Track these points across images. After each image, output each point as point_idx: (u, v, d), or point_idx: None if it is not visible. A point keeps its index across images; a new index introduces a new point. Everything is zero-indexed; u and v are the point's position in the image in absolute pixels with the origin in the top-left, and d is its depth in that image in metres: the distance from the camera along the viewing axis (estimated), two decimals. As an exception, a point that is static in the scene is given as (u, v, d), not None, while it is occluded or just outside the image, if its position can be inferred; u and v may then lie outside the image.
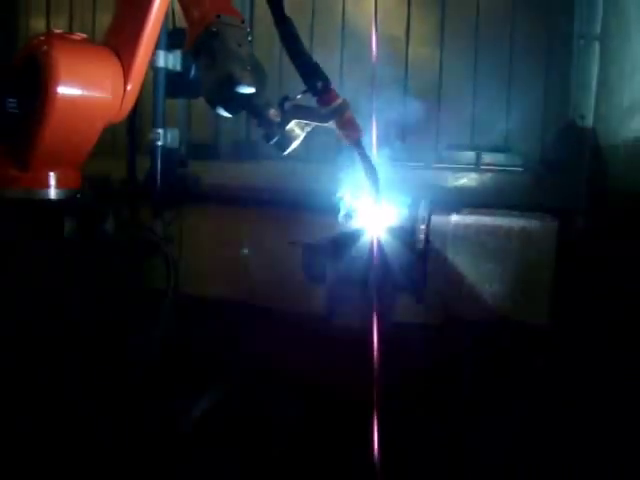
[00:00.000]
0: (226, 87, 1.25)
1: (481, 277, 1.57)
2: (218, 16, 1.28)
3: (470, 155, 2.17)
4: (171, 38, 2.32)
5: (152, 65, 2.27)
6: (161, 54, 2.28)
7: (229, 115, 1.33)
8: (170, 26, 2.34)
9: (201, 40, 1.28)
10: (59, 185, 1.76)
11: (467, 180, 2.47)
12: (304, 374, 1.96)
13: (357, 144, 1.46)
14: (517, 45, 3.34)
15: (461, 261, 1.58)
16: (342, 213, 1.65)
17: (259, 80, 1.29)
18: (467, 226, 1.59)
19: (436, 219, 1.64)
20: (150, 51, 1.90)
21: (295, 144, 1.39)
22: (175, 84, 2.38)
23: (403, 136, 3.34)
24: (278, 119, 1.33)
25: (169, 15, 2.30)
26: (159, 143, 2.35)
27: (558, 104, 3.21)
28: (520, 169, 2.13)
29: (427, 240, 1.62)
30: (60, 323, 1.76)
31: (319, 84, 1.40)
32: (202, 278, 3.45)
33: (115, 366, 1.83)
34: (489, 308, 1.58)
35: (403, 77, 3.45)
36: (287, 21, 1.37)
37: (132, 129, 2.53)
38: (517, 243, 1.54)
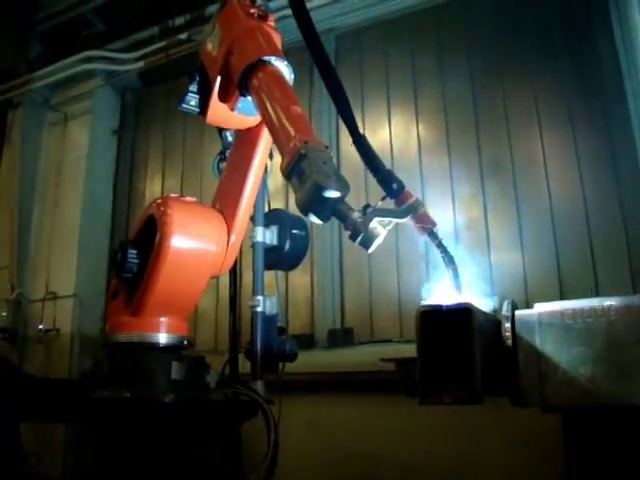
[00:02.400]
0: (315, 194, 1.41)
1: (573, 361, 1.48)
2: (306, 142, 1.50)
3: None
4: (267, 218, 2.60)
5: (252, 241, 2.53)
6: (259, 230, 2.54)
7: (320, 222, 1.46)
8: (266, 208, 2.65)
9: (293, 164, 1.48)
10: (168, 331, 1.89)
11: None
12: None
13: (432, 235, 1.56)
14: (593, 211, 3.44)
15: (551, 348, 1.52)
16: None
17: (342, 188, 1.44)
18: (551, 313, 1.55)
19: (520, 313, 1.61)
20: (249, 211, 2.17)
21: (378, 241, 1.48)
22: (271, 257, 2.60)
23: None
24: (360, 220, 1.46)
25: (265, 198, 2.63)
26: (259, 309, 2.48)
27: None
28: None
29: (514, 336, 1.57)
30: None
31: (394, 185, 1.55)
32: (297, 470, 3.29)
33: None
34: (588, 392, 1.45)
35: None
36: (362, 137, 1.58)
37: (234, 305, 2.73)
38: (603, 322, 1.47)
